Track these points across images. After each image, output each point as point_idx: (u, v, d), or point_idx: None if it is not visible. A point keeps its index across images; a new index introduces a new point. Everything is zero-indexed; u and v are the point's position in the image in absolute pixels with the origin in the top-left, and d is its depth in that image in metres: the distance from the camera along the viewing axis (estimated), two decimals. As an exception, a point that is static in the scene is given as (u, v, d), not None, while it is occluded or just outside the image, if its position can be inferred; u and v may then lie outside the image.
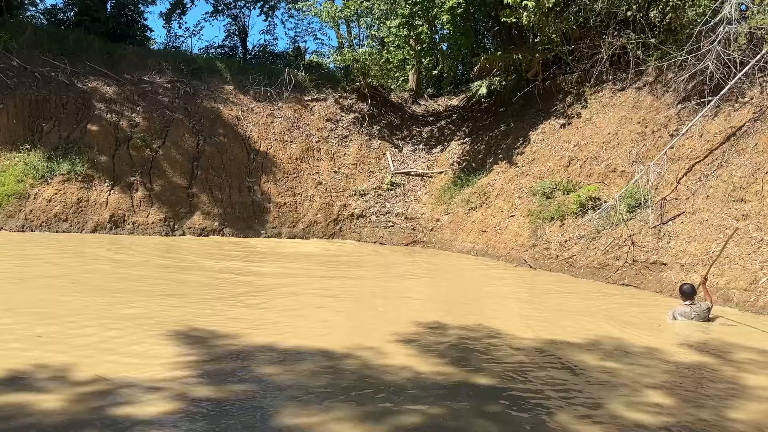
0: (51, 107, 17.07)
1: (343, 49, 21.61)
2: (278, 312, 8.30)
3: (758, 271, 9.80)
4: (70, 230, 15.39)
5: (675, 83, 14.29)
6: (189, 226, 16.78)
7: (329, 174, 19.29)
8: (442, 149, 20.48)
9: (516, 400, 5.15)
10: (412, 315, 8.20)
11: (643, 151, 13.94)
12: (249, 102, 20.03)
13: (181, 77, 19.76)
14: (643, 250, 11.88)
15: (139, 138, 17.41)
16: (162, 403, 4.70)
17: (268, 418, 4.56)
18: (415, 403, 4.98)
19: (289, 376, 5.51)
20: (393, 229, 18.42)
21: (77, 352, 5.77)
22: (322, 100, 21.21)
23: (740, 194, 11.20)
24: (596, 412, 4.95)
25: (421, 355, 6.32)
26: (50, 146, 16.37)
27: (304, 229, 18.06)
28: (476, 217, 16.63)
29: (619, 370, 6.09)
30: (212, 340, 6.49)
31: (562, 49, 17.36)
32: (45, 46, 18.37)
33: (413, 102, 23.07)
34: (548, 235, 14.12)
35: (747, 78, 12.54)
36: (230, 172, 18.11)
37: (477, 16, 19.98)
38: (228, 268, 11.76)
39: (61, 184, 15.81)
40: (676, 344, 7.17)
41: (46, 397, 4.68)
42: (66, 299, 8.00)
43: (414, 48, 19.51)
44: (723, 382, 5.91)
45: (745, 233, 10.54)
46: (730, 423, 4.85)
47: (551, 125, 17.19)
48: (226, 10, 26.18)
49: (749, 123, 12.24)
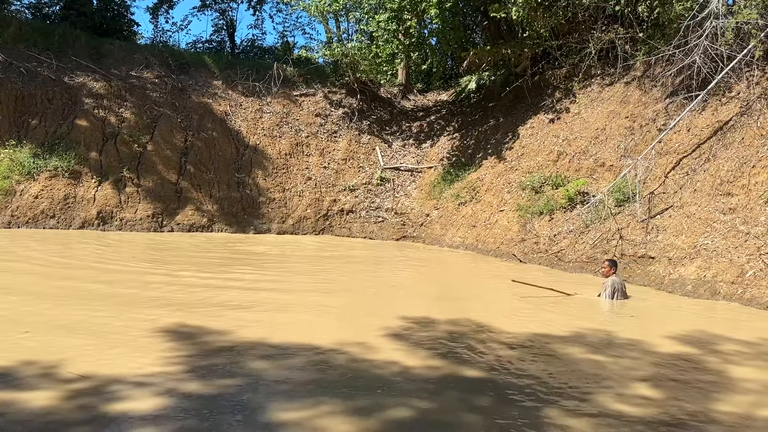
0: (37, 103, 16.93)
1: (332, 44, 21.59)
2: (266, 306, 8.28)
3: (745, 264, 9.87)
4: (58, 227, 15.29)
5: (663, 78, 14.36)
6: (178, 222, 16.70)
7: (319, 169, 19.26)
8: (431, 144, 20.49)
9: (505, 393, 5.17)
10: (400, 309, 8.21)
11: (631, 146, 14.01)
12: (237, 97, 19.95)
13: (169, 72, 19.65)
14: (632, 244, 11.94)
15: (126, 133, 17.32)
16: (151, 399, 4.68)
17: (257, 413, 4.55)
18: (404, 397, 4.99)
19: (279, 371, 5.50)
20: (383, 224, 18.42)
21: (66, 348, 5.73)
22: (311, 95, 21.15)
23: (727, 188, 11.28)
24: (584, 405, 4.97)
25: (409, 349, 6.32)
26: (37, 142, 16.25)
27: (293, 224, 18.02)
28: (466, 212, 16.66)
29: (606, 363, 6.13)
30: (201, 335, 6.47)
31: (551, 43, 17.40)
32: (30, 41, 18.22)
33: (403, 97, 23.06)
34: (537, 229, 14.17)
35: (734, 72, 12.61)
36: (219, 168, 18.04)
37: (466, 11, 19.98)
38: (218, 263, 11.72)
39: (48, 180, 15.70)
40: (662, 336, 7.22)
41: (34, 394, 4.65)
42: (57, 291, 7.94)
43: (403, 42, 19.49)
44: (709, 373, 5.96)
45: (732, 226, 10.62)
46: (716, 414, 4.90)
47: (540, 120, 17.23)
48: (214, 5, 26.08)
49: (736, 117, 12.33)
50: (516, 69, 18.76)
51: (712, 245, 10.57)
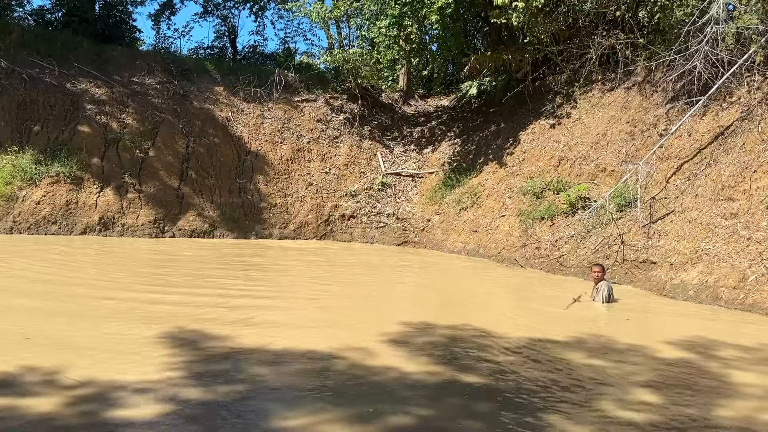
0: (39, 109, 16.97)
1: (334, 50, 21.61)
2: (266, 313, 8.28)
3: (747, 269, 9.86)
4: (59, 233, 15.31)
5: (663, 83, 14.37)
6: (179, 228, 16.72)
7: (320, 175, 19.27)
8: (432, 150, 20.51)
9: (505, 399, 5.16)
10: (401, 315, 8.20)
11: (632, 151, 14.01)
12: (239, 103, 19.99)
13: (171, 78, 19.69)
14: (633, 249, 11.93)
15: (128, 139, 17.35)
16: (152, 405, 4.68)
17: (257, 420, 4.55)
18: (404, 403, 4.99)
19: (279, 377, 5.51)
20: (384, 229, 18.42)
21: (66, 354, 5.73)
22: (312, 101, 21.19)
23: (728, 193, 11.27)
24: (585, 411, 4.97)
25: (409, 355, 6.32)
26: (39, 148, 16.28)
27: (295, 230, 18.03)
28: (467, 217, 16.66)
29: (607, 368, 6.12)
30: (201, 342, 6.47)
31: (552, 49, 17.42)
32: (33, 48, 18.27)
33: (404, 102, 23.09)
34: (539, 234, 14.16)
35: (735, 77, 12.62)
36: (221, 174, 18.06)
37: (466, 17, 20.01)
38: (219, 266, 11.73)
39: (50, 186, 15.73)
40: (662, 341, 7.21)
41: (35, 400, 4.65)
42: (56, 299, 7.95)
43: (404, 48, 19.51)
44: (711, 378, 5.95)
45: (734, 231, 10.61)
46: (718, 420, 4.89)
47: (541, 125, 17.24)
48: (216, 11, 26.10)
49: (737, 122, 12.33)
50: (517, 74, 18.78)
51: (714, 250, 10.55)
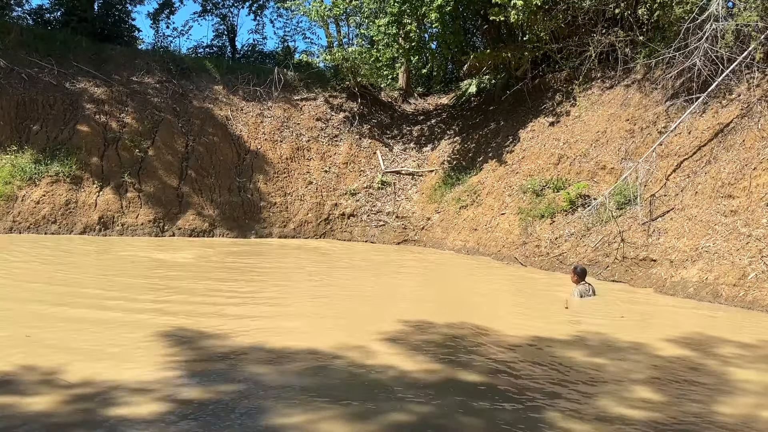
0: (38, 108, 16.96)
1: (333, 48, 21.60)
2: (265, 311, 8.28)
3: (747, 267, 9.84)
4: (59, 232, 15.31)
5: (663, 80, 14.35)
6: (179, 227, 16.71)
7: (320, 173, 19.27)
8: (432, 148, 20.50)
9: (504, 397, 5.15)
10: (401, 313, 8.20)
11: (632, 148, 14.00)
12: (238, 102, 19.98)
13: (170, 77, 19.68)
14: (633, 247, 11.92)
15: (128, 138, 17.34)
16: (150, 404, 4.67)
17: (256, 419, 4.54)
18: (404, 401, 4.98)
19: (277, 376, 5.50)
20: (384, 228, 18.41)
21: (65, 353, 5.73)
22: (311, 100, 21.17)
23: (728, 190, 11.26)
24: (584, 409, 4.96)
25: (408, 353, 6.31)
26: (38, 147, 16.27)
27: (294, 229, 18.03)
28: (467, 216, 16.65)
29: (606, 366, 6.11)
30: (200, 340, 6.46)
31: (551, 47, 17.41)
32: (32, 47, 18.25)
33: (403, 101, 23.08)
34: (538, 232, 14.15)
35: (734, 75, 12.61)
36: (220, 173, 18.05)
37: (466, 15, 20.00)
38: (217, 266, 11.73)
39: (50, 185, 15.72)
40: (662, 338, 7.20)
41: (33, 399, 4.65)
42: (51, 296, 7.94)
43: (403, 46, 19.50)
44: (710, 375, 5.94)
45: (734, 229, 10.60)
46: (717, 417, 4.88)
47: (541, 123, 17.23)
48: (215, 10, 26.08)
49: (737, 119, 12.32)
50: (516, 72, 18.77)
51: (714, 248, 10.55)
